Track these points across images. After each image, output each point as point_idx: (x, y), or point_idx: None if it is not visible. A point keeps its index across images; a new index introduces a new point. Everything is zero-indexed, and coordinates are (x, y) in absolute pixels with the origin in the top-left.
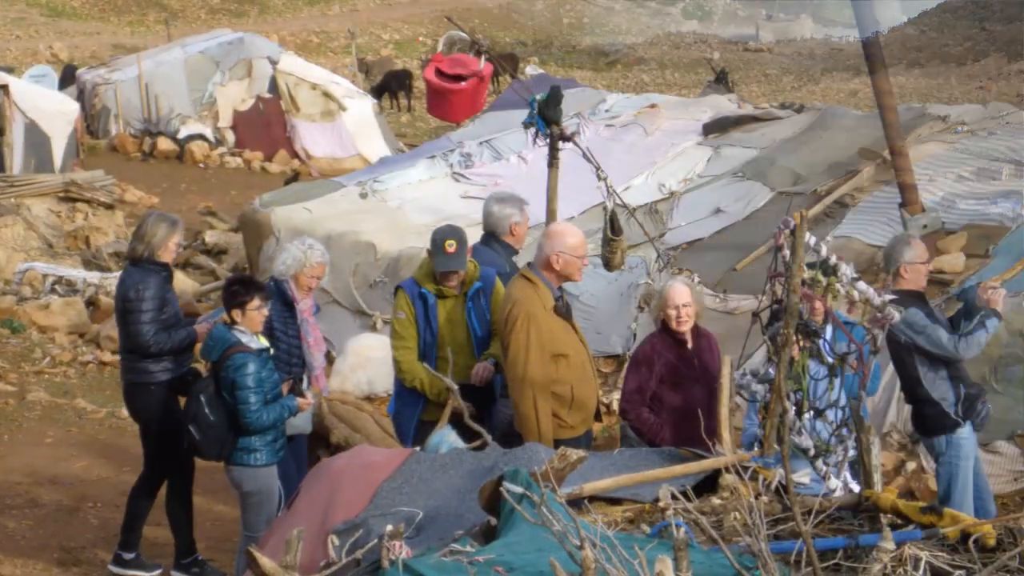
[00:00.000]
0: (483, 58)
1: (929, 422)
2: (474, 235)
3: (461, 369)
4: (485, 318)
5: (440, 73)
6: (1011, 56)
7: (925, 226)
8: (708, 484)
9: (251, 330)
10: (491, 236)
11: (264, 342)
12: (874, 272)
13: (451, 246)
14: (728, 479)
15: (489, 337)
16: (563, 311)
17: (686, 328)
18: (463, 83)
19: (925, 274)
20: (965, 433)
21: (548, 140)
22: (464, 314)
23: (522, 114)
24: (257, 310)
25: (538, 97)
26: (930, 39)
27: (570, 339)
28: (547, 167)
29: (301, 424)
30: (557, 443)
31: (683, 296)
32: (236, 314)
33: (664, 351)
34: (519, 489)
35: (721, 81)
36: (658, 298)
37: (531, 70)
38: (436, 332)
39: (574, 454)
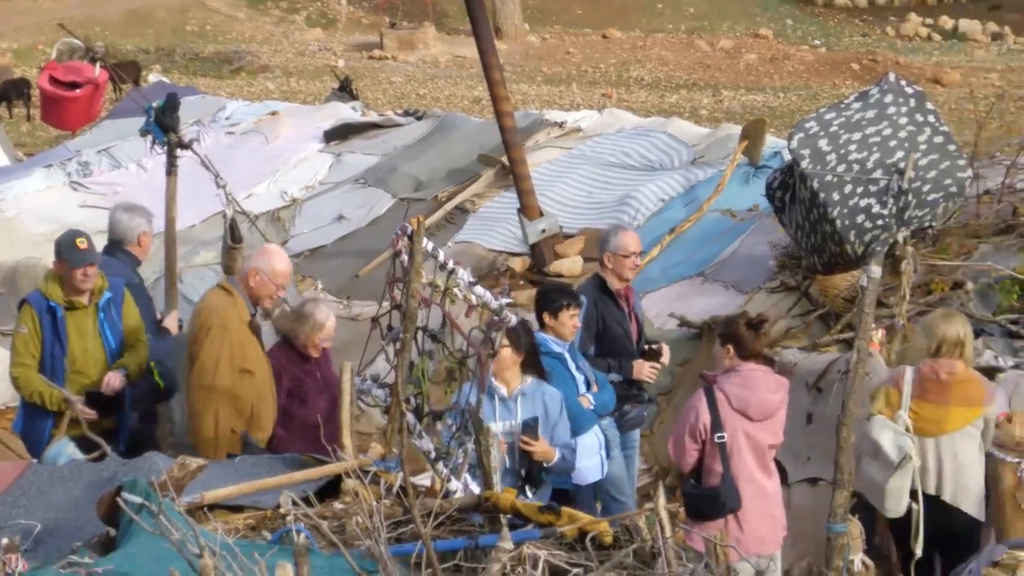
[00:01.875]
0: (98, 65)
1: None
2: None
3: (97, 383)
4: (117, 328)
5: (55, 81)
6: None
7: (544, 230)
8: (331, 490)
9: None
10: (116, 245)
11: None
12: (494, 277)
13: (83, 242)
14: (350, 484)
15: (123, 348)
16: (256, 328)
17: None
18: (77, 91)
19: (631, 268)
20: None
21: (166, 148)
22: (96, 325)
23: (140, 122)
24: None
25: (154, 104)
26: (552, 47)
27: (258, 356)
28: (166, 175)
29: None
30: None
31: (333, 318)
32: None
33: (289, 365)
34: (138, 499)
35: (345, 89)
36: (304, 320)
37: (154, 78)
38: (66, 345)
39: (194, 463)
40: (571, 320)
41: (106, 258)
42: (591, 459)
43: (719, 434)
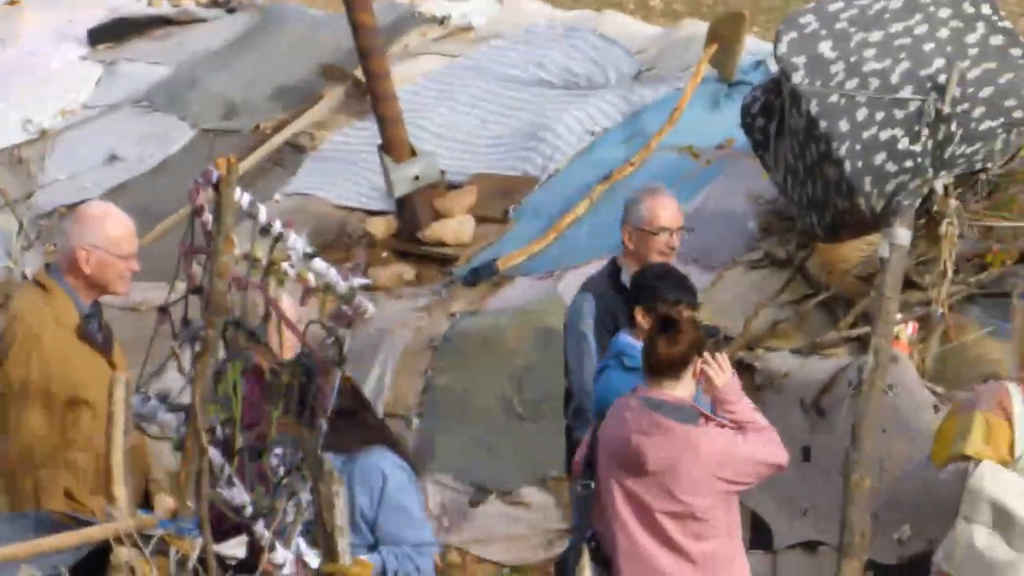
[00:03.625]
0: None
1: None
2: None
3: None
4: None
5: None
6: None
7: (417, 178)
8: (97, 564)
9: None
10: None
11: None
12: (345, 245)
13: None
14: (122, 554)
15: None
16: (93, 335)
17: None
18: None
19: (662, 251)
20: None
21: None
22: None
23: None
24: None
25: None
26: None
27: (101, 379)
28: None
29: None
30: None
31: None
32: None
33: None
34: None
35: None
36: None
37: None
38: None
39: None
40: None
41: None
42: None
43: (584, 482)
